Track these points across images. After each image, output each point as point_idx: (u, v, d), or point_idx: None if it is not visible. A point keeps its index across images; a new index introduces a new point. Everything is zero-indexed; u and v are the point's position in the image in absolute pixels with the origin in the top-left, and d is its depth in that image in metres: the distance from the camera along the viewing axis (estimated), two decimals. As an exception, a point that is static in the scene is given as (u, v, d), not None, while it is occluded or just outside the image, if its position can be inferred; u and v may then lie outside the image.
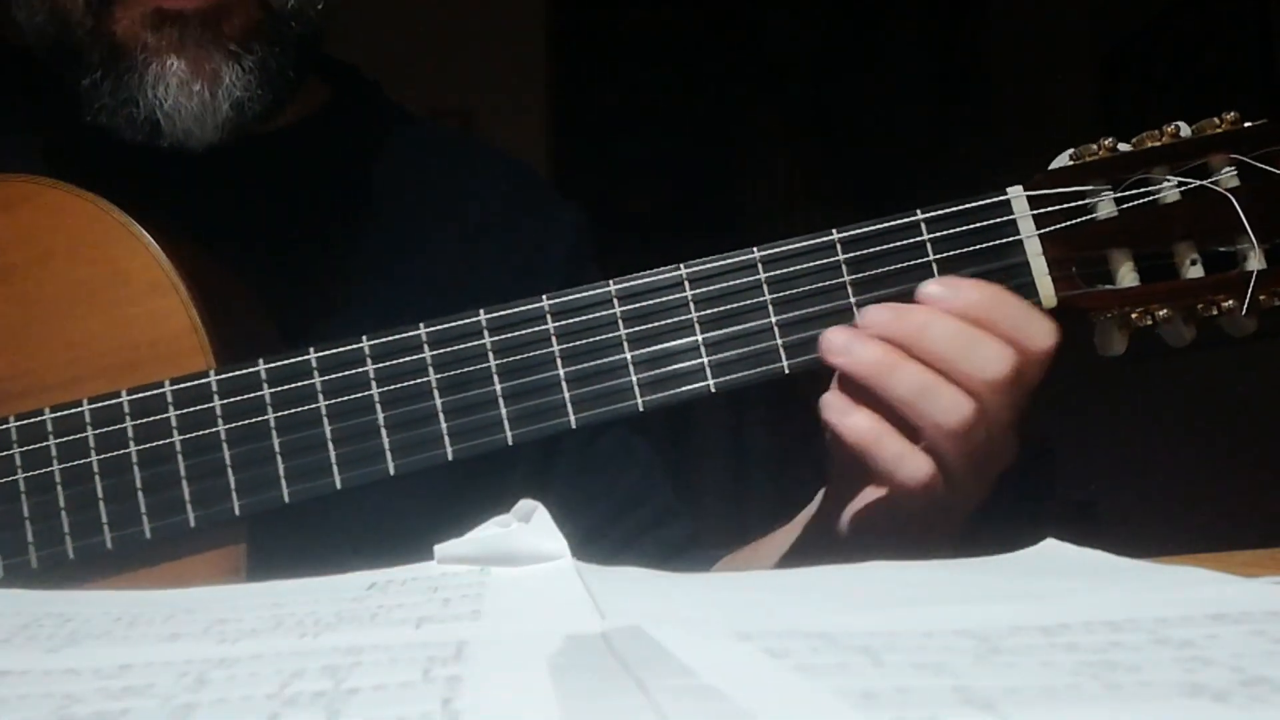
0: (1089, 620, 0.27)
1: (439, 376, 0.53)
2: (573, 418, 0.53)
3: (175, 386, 0.54)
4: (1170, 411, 2.31)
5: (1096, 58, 2.69)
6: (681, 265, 0.54)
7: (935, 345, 0.49)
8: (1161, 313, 0.52)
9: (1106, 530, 2.48)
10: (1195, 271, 0.53)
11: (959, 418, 0.49)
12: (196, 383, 0.54)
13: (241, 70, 0.58)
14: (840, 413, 0.51)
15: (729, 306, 0.53)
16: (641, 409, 0.53)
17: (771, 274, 0.53)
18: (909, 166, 3.36)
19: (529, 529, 0.39)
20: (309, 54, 0.63)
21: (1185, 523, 2.24)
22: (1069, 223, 0.53)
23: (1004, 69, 3.15)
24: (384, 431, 0.53)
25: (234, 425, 0.54)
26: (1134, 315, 0.53)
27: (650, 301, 0.54)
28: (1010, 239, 0.53)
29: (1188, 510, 2.22)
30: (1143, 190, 0.53)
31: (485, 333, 0.53)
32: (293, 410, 0.54)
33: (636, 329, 0.53)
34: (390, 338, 0.54)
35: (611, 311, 0.53)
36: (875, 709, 0.20)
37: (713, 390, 0.53)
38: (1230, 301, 0.52)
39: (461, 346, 0.54)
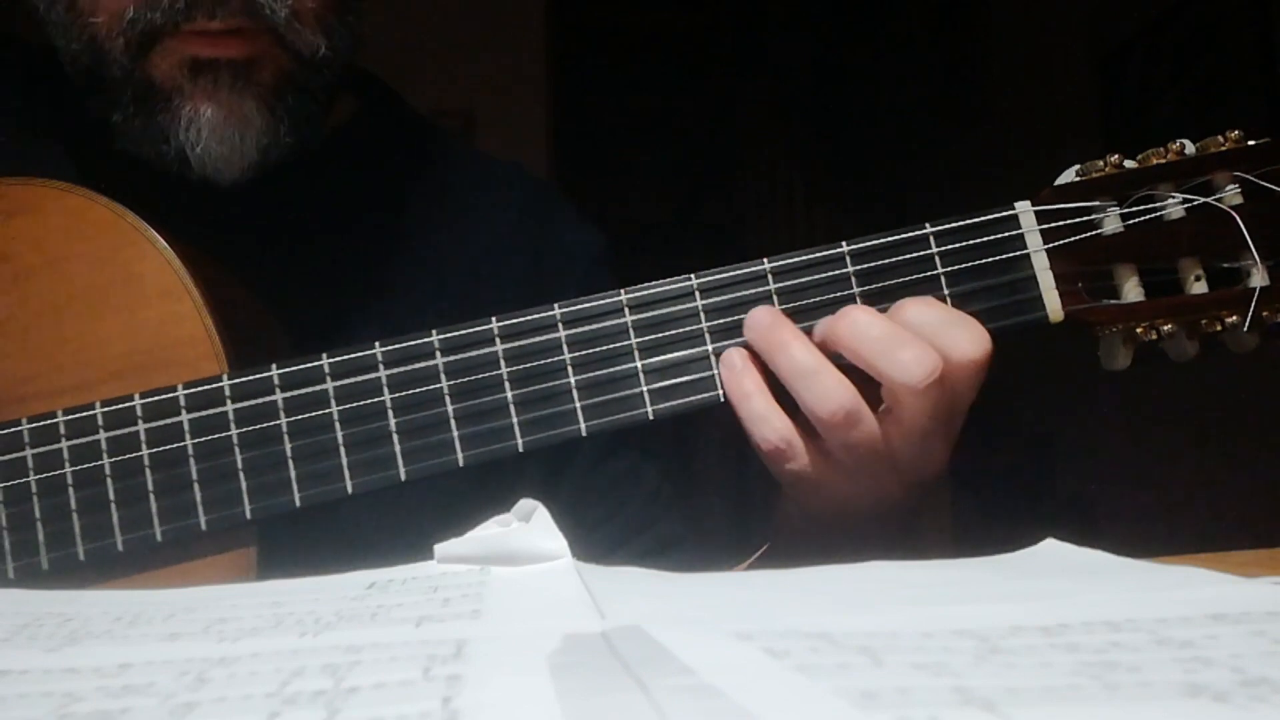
0: (1089, 620, 0.27)
1: (451, 383, 0.54)
2: (583, 425, 0.53)
3: (188, 390, 0.54)
4: (1170, 412, 2.31)
5: (1096, 58, 2.69)
6: (692, 275, 0.54)
7: (861, 342, 0.50)
8: (1166, 328, 0.53)
9: (1106, 530, 2.48)
10: (1199, 287, 0.53)
11: (832, 405, 0.50)
12: (209, 386, 0.54)
13: (272, 118, 0.59)
14: (730, 368, 0.53)
15: (740, 316, 0.53)
16: (652, 418, 0.53)
17: (782, 285, 0.53)
18: (909, 168, 3.37)
19: (529, 529, 0.39)
20: (338, 88, 0.64)
21: (1185, 523, 2.24)
22: (1076, 238, 0.53)
23: (1004, 69, 3.15)
24: (396, 437, 0.53)
25: (246, 430, 0.54)
26: (1139, 330, 0.53)
27: (661, 311, 0.54)
28: (1018, 253, 0.53)
29: (1188, 510, 2.22)
30: (1148, 207, 0.53)
31: (497, 340, 0.54)
32: (305, 415, 0.54)
33: (647, 338, 0.54)
34: (403, 344, 0.54)
35: (622, 320, 0.54)
36: (875, 709, 0.20)
37: (723, 400, 0.53)
38: (1233, 317, 0.52)
39: (473, 353, 0.54)
